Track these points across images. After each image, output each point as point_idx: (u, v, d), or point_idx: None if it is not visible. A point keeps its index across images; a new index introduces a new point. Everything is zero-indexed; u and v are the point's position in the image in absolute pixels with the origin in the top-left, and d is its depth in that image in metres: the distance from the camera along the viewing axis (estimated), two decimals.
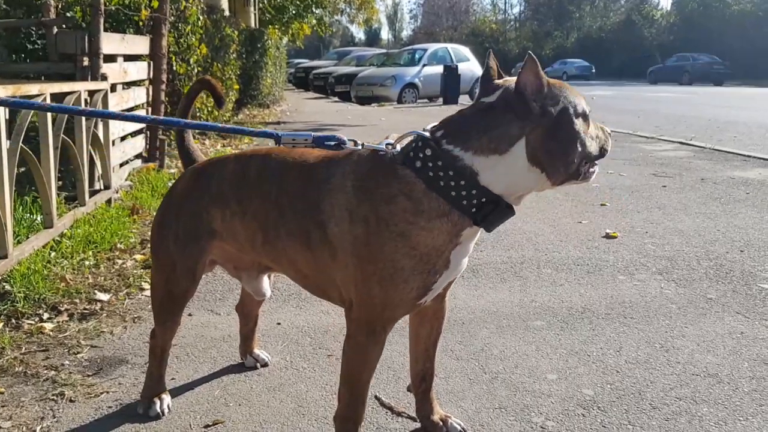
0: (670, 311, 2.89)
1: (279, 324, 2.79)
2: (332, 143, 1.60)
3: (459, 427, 1.93)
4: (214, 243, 1.89)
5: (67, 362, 2.37)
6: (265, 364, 2.39)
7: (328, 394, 2.18)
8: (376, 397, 2.14)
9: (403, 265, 1.52)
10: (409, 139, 1.59)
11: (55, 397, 2.12)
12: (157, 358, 2.05)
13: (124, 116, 2.21)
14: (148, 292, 3.07)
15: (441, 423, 1.93)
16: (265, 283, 2.10)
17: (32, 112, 3.27)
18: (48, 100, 3.40)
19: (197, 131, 7.75)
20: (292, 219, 1.67)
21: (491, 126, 1.52)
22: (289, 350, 2.53)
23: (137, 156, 5.89)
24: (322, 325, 2.77)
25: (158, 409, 2.02)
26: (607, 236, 4.09)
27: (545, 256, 3.72)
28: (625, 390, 2.20)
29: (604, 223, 4.44)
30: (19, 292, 2.83)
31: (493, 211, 1.53)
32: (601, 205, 4.98)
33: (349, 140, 1.63)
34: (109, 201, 4.46)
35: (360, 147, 1.62)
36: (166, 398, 2.07)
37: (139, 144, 5.89)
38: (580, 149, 1.55)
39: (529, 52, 1.54)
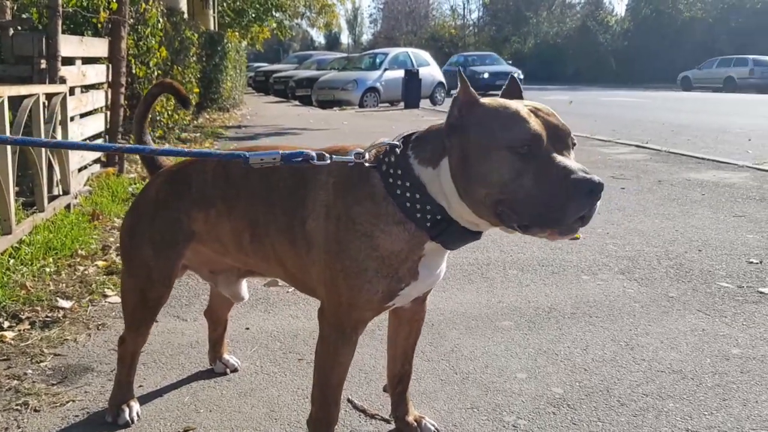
0: (634, 310, 2.96)
1: (247, 329, 2.76)
2: (299, 159, 1.56)
3: (433, 428, 1.94)
4: (191, 246, 1.87)
5: (30, 371, 2.31)
6: (234, 370, 2.37)
7: (299, 398, 2.16)
8: (348, 399, 2.13)
9: (366, 266, 1.53)
10: (383, 147, 1.58)
11: (19, 407, 2.06)
12: (127, 365, 2.01)
13: (89, 146, 2.15)
14: (111, 299, 3.02)
15: (415, 423, 1.94)
16: (244, 286, 2.08)
17: None
18: (6, 104, 3.31)
19: (157, 136, 7.63)
20: (281, 215, 1.66)
21: (437, 136, 1.49)
22: (259, 355, 2.51)
23: (96, 161, 5.77)
24: (292, 329, 2.75)
25: (127, 417, 1.98)
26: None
27: (510, 257, 3.77)
28: (594, 387, 2.24)
29: None
30: None
31: (446, 229, 1.50)
32: None
33: (316, 154, 1.57)
34: (68, 206, 4.36)
35: (329, 161, 1.55)
36: (135, 405, 2.03)
37: None
38: (486, 188, 1.37)
39: (459, 68, 1.55)
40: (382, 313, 1.71)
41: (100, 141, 5.81)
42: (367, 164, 1.54)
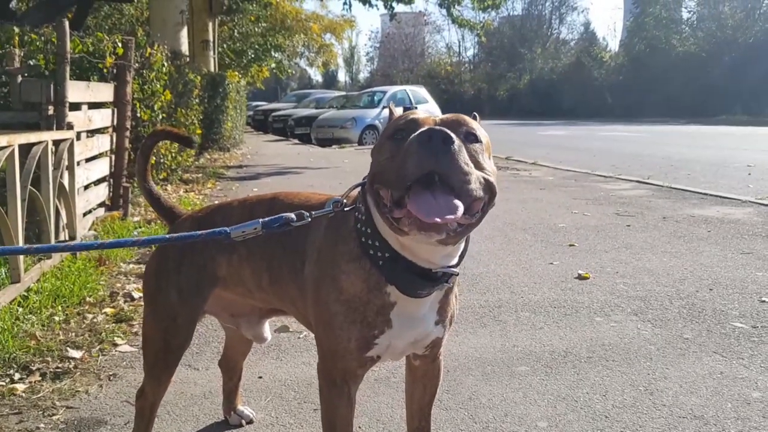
0: (650, 353, 2.93)
1: (260, 378, 2.73)
2: (278, 224, 1.52)
3: None
4: (215, 292, 1.86)
5: (42, 425, 2.27)
6: (250, 421, 2.33)
7: None
8: None
9: (336, 311, 1.52)
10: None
11: None
12: (146, 419, 1.98)
13: (69, 248, 2.60)
14: (121, 348, 2.99)
15: None
16: (267, 327, 2.07)
17: None
18: (16, 151, 3.33)
19: (161, 178, 7.66)
20: (291, 259, 1.67)
21: None
22: (274, 405, 2.48)
23: (100, 204, 5.77)
24: (305, 377, 2.72)
25: None
26: (580, 277, 4.14)
27: (521, 298, 3.74)
28: None
29: (575, 263, 4.49)
30: None
31: (394, 268, 1.45)
32: (570, 245, 5.05)
33: (295, 215, 1.53)
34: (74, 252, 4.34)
35: (308, 218, 1.53)
36: None
37: (102, 192, 5.78)
38: (371, 171, 1.42)
39: (388, 105, 1.60)
40: (398, 361, 1.67)
41: (104, 185, 5.82)
42: (346, 209, 1.55)
